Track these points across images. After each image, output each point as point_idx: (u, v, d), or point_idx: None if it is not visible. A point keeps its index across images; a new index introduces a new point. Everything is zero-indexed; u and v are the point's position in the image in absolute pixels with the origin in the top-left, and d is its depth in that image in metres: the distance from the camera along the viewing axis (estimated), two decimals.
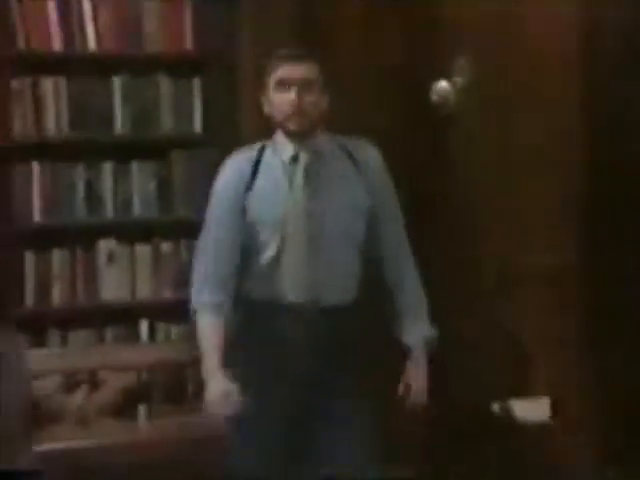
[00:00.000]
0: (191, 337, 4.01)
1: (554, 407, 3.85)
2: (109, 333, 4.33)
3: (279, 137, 3.24)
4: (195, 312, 3.26)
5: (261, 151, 3.25)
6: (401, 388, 3.30)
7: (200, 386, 4.03)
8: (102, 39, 4.21)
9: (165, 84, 4.31)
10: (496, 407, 3.78)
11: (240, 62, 4.21)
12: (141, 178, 4.33)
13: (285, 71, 3.14)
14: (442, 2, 4.13)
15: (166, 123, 4.33)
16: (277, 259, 3.16)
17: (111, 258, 4.33)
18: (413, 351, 3.31)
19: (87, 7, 4.19)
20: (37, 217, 4.03)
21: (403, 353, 3.34)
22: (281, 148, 3.23)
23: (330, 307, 3.17)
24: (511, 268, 3.87)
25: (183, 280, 4.11)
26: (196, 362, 3.94)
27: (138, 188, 4.33)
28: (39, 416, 3.90)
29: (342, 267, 3.21)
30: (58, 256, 4.22)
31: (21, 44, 3.95)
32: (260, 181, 3.21)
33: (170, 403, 4.25)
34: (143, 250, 4.35)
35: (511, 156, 3.89)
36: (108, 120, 4.26)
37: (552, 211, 3.89)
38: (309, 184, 3.18)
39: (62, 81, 4.17)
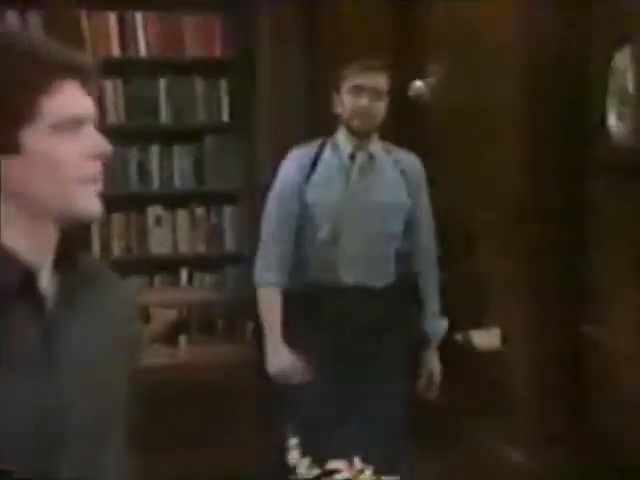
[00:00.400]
0: (220, 283, 4.50)
1: (504, 336, 3.81)
2: (157, 279, 4.56)
3: (341, 135, 3.26)
4: (259, 286, 3.26)
5: (321, 147, 3.28)
6: (424, 375, 3.37)
7: (228, 322, 4.44)
8: (150, 47, 4.39)
9: (199, 84, 4.49)
10: (459, 337, 3.81)
11: (258, 66, 4.39)
12: (181, 158, 4.53)
13: (360, 79, 3.19)
14: (420, 20, 4.21)
15: (200, 115, 4.51)
16: (330, 245, 3.19)
17: (158, 221, 4.54)
18: (433, 341, 3.39)
19: (139, 21, 4.37)
20: (100, 189, 4.43)
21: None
22: (342, 146, 3.25)
23: (373, 288, 3.22)
24: (470, 225, 3.90)
25: (213, 238, 4.52)
26: (225, 303, 4.42)
27: (178, 166, 4.53)
28: None
29: (383, 254, 3.26)
30: (117, 219, 4.44)
31: (88, 52, 4.03)
32: (318, 174, 3.23)
33: (204, 334, 4.52)
34: (182, 214, 4.55)
35: (469, 141, 3.90)
36: (155, 113, 4.46)
37: (502, 179, 3.82)
38: (362, 180, 3.22)
39: (119, 82, 4.39)
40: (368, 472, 2.49)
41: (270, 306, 3.22)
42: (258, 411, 4.05)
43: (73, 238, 1.47)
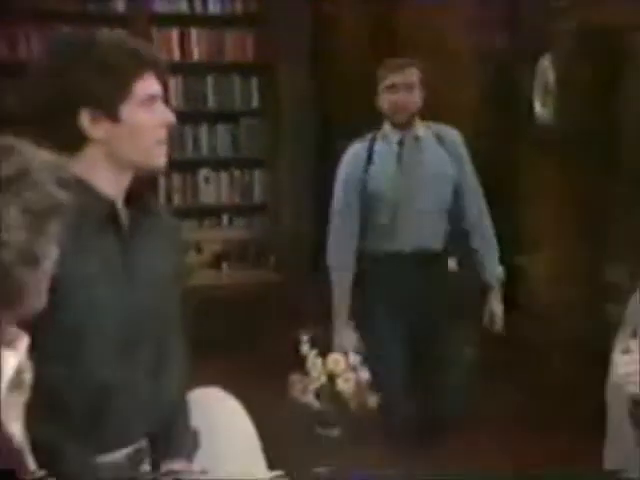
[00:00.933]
0: (251, 225, 4.85)
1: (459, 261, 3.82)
2: (205, 222, 4.98)
3: (387, 127, 3.19)
4: (332, 270, 3.21)
5: (373, 140, 3.20)
6: (486, 315, 3.23)
7: (258, 252, 4.78)
8: (201, 54, 4.85)
9: (237, 80, 4.91)
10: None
11: (279, 67, 4.85)
12: (222, 134, 4.93)
13: (391, 78, 3.14)
14: (397, 25, 4.64)
15: (237, 103, 4.92)
16: (392, 219, 3.13)
17: (206, 179, 4.95)
18: (493, 287, 3.25)
19: (194, 35, 4.83)
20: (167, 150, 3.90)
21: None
22: (389, 136, 3.17)
23: (427, 252, 3.18)
24: None
25: (246, 192, 4.98)
26: (255, 239, 4.77)
27: (221, 140, 4.93)
28: None
29: (436, 222, 3.20)
30: (176, 178, 4.86)
31: None
32: (374, 165, 3.16)
33: (240, 262, 4.94)
34: (224, 175, 4.95)
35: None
36: (204, 101, 4.88)
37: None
38: (412, 161, 3.17)
39: (179, 79, 4.81)
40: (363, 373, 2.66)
41: (339, 290, 3.16)
42: (278, 318, 4.32)
43: (142, 183, 1.58)
